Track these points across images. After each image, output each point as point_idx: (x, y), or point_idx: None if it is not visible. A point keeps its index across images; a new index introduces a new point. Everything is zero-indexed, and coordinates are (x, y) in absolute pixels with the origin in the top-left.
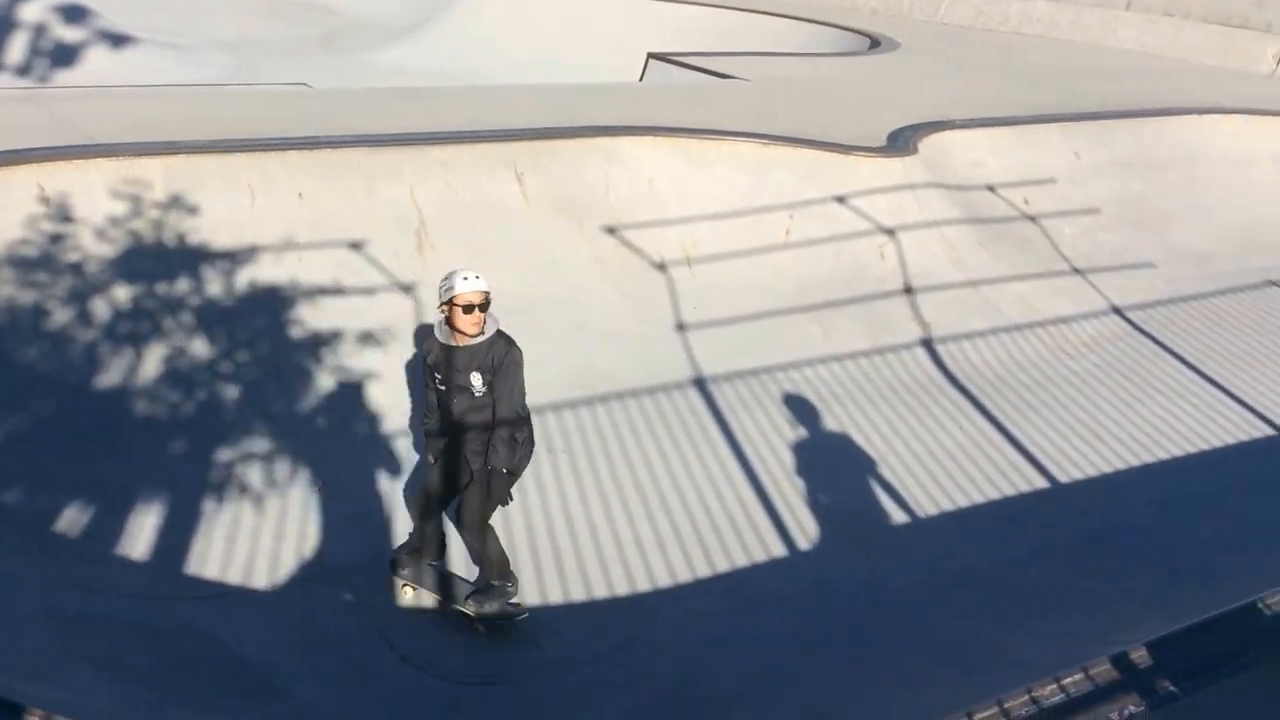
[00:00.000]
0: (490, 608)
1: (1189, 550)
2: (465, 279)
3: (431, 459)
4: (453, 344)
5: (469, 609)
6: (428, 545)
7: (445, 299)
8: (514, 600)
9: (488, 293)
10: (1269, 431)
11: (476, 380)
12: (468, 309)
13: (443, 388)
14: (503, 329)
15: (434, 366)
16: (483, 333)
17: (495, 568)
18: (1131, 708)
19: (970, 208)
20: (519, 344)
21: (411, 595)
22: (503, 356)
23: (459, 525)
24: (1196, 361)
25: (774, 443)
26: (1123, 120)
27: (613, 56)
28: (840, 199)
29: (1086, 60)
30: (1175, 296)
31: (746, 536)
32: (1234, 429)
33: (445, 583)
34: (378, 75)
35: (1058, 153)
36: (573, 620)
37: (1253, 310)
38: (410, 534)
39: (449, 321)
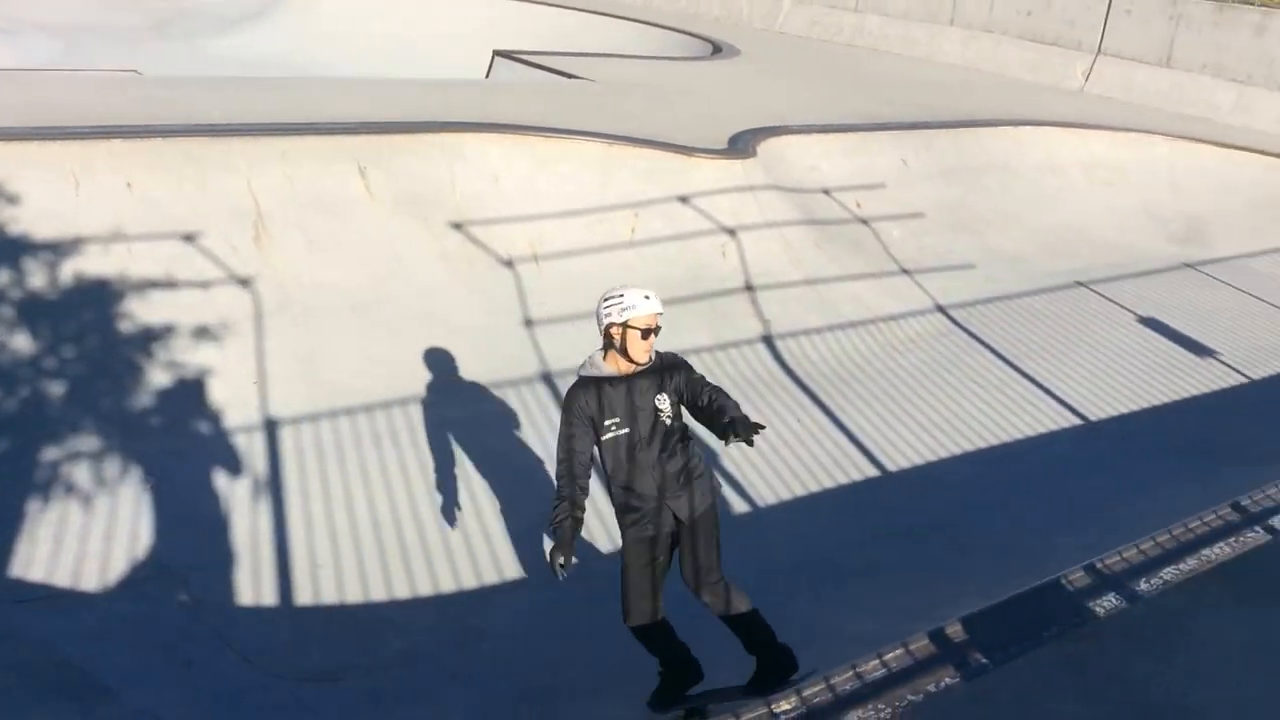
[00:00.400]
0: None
1: (1002, 531)
2: (647, 298)
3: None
4: (621, 375)
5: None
6: (685, 663)
7: (618, 320)
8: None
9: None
10: (1075, 420)
11: (666, 404)
12: (646, 333)
13: (624, 431)
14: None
15: (603, 411)
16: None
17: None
18: (947, 680)
19: (807, 210)
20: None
21: None
22: (683, 367)
23: (705, 587)
24: (1012, 356)
25: None
26: (946, 130)
27: (460, 52)
28: (684, 199)
29: (914, 72)
30: (993, 296)
31: (593, 526)
32: (1045, 418)
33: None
34: (215, 63)
35: (887, 159)
36: (419, 613)
37: (1062, 308)
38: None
39: (622, 348)
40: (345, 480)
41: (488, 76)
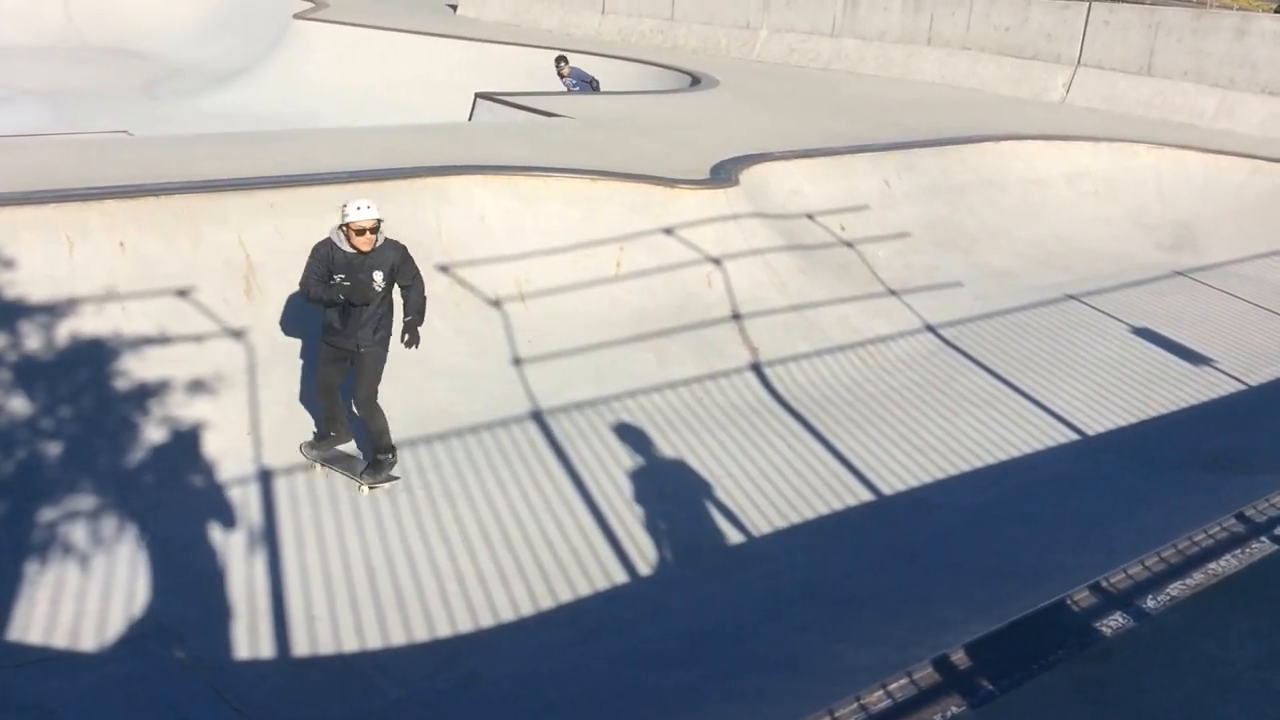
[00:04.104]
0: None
1: (1003, 552)
2: (359, 208)
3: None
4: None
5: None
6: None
7: (341, 223)
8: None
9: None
10: (1072, 435)
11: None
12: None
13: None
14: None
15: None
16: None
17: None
18: (954, 709)
19: (791, 235)
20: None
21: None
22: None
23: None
24: (1004, 373)
25: (611, 471)
26: (928, 148)
27: (442, 96)
28: (668, 230)
29: (893, 93)
30: (982, 313)
31: (588, 564)
32: (1040, 434)
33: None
34: (205, 120)
35: (869, 181)
36: (416, 660)
37: (1053, 322)
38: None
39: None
40: (340, 528)
41: (470, 119)
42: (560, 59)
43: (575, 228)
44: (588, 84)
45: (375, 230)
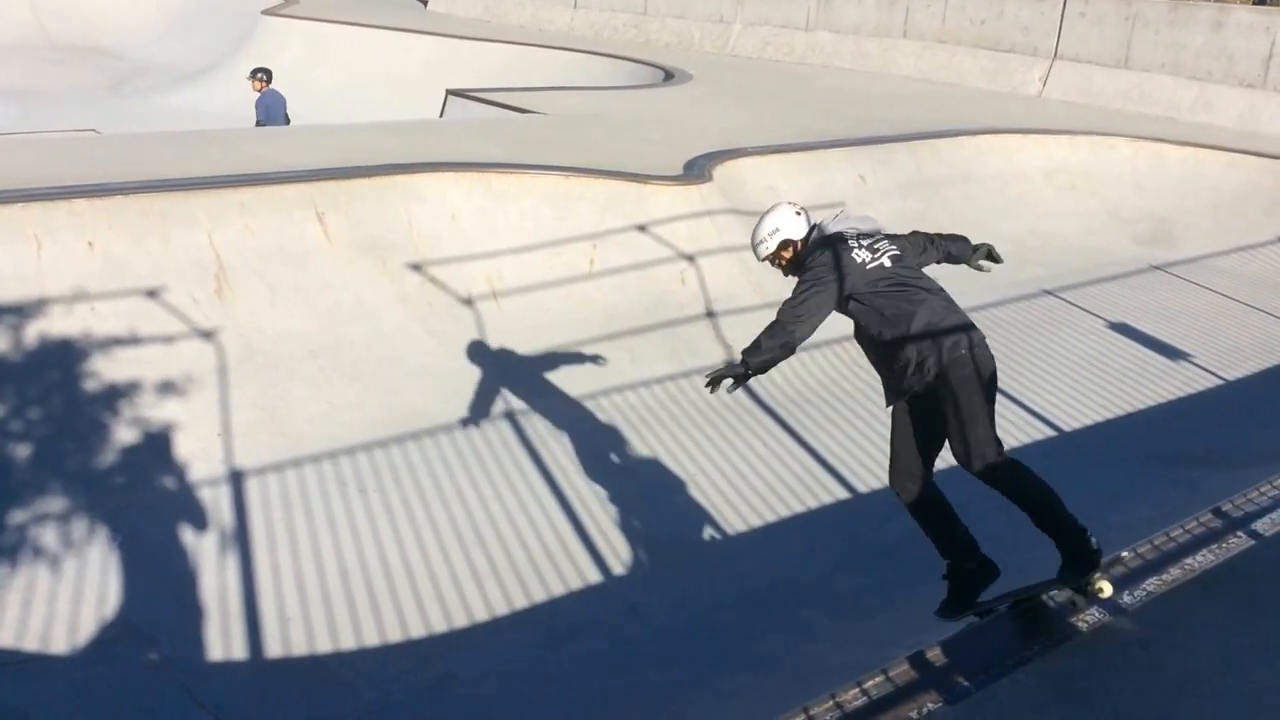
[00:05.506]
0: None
1: (980, 548)
2: (762, 239)
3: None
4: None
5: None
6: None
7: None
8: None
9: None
10: (1048, 431)
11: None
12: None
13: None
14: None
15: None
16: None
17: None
18: (930, 705)
19: None
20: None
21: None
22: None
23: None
24: None
25: (586, 470)
26: (904, 143)
27: (414, 93)
28: (641, 227)
29: (868, 87)
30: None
31: (562, 565)
32: (1017, 430)
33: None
34: (173, 118)
35: (845, 176)
36: (390, 661)
37: (1030, 317)
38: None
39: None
40: (312, 529)
41: (442, 115)
42: (257, 72)
43: (548, 225)
44: (278, 117)
45: (796, 245)
